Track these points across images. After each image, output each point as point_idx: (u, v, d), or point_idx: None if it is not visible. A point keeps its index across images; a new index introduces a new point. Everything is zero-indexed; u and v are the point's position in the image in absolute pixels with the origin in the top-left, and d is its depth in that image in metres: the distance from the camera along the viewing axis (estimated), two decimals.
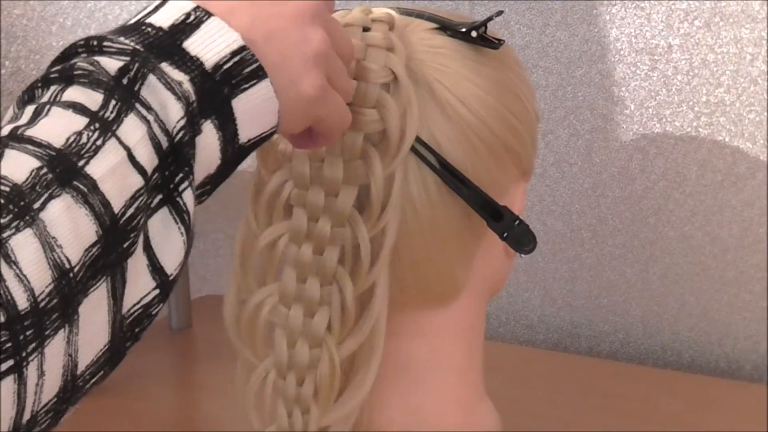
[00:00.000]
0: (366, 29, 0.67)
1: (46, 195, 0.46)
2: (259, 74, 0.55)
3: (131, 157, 0.49)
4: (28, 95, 0.51)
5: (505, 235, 0.70)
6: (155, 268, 0.51)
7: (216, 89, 0.53)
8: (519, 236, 0.70)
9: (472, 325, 0.75)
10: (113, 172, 0.48)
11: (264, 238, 0.68)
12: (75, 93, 0.50)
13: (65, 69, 0.51)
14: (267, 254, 0.69)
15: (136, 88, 0.51)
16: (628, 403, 1.07)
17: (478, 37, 0.70)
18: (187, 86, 0.52)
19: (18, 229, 0.44)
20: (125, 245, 0.49)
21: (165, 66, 0.52)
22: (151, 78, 0.51)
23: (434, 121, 0.67)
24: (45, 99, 0.50)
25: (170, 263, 0.52)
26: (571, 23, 1.21)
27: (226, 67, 0.54)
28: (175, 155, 0.51)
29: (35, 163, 0.46)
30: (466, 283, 0.72)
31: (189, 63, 0.53)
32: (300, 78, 0.57)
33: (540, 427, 0.99)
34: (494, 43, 0.70)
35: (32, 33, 1.51)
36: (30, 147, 0.47)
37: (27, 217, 0.45)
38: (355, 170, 0.66)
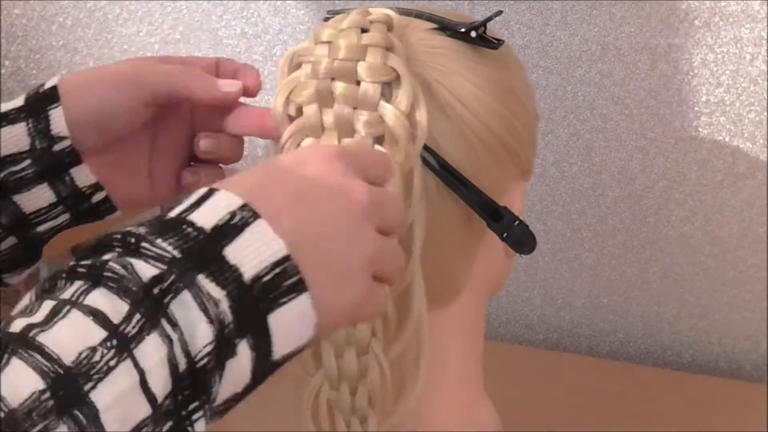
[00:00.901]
0: (364, 30, 0.67)
1: (41, 426, 0.43)
2: (299, 288, 0.51)
3: (143, 383, 0.46)
4: (50, 284, 0.48)
5: (504, 235, 0.70)
6: None
7: (253, 305, 0.50)
8: (519, 237, 0.70)
9: (473, 325, 0.75)
10: (119, 401, 0.45)
11: None
12: (99, 298, 0.47)
13: (95, 267, 0.48)
14: None
15: (165, 300, 0.48)
16: (628, 403, 1.07)
17: (477, 37, 0.70)
18: (224, 306, 0.49)
19: None
20: None
21: (201, 278, 0.49)
22: (186, 294, 0.48)
23: (434, 121, 0.67)
24: (67, 295, 0.47)
25: None
26: (571, 23, 1.21)
27: (265, 279, 0.50)
28: (193, 379, 0.48)
29: (38, 385, 0.44)
30: (466, 284, 0.72)
31: (227, 274, 0.50)
32: (344, 288, 0.54)
33: (540, 427, 0.99)
34: (494, 43, 0.70)
35: (32, 33, 1.51)
36: (39, 358, 0.44)
37: None
38: None
